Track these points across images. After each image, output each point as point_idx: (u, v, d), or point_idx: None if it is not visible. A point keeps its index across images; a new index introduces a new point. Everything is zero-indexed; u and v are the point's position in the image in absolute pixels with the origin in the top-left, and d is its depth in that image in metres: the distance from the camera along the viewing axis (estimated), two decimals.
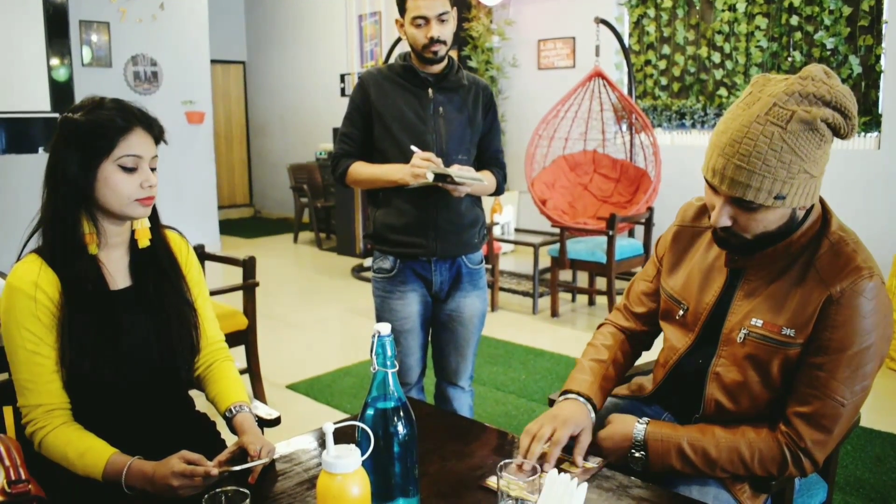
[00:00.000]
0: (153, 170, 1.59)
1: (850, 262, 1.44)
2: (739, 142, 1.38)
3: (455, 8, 2.43)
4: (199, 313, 1.74)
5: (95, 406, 1.57)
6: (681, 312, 1.67)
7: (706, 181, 1.47)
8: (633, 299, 1.85)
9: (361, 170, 2.49)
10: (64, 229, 1.53)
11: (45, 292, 1.50)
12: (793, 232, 1.49)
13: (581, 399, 1.65)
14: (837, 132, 1.39)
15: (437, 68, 2.46)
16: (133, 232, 1.63)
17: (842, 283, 1.42)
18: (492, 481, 1.42)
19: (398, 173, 2.38)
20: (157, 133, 1.60)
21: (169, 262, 1.70)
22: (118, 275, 1.62)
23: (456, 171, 2.29)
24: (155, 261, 1.67)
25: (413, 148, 2.36)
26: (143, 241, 1.63)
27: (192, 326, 1.71)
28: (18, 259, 1.56)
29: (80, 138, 1.52)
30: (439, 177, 2.28)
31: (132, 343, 1.59)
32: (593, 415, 1.63)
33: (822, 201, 1.54)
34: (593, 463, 1.51)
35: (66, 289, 1.52)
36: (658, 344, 1.82)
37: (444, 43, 2.40)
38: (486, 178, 2.51)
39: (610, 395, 1.81)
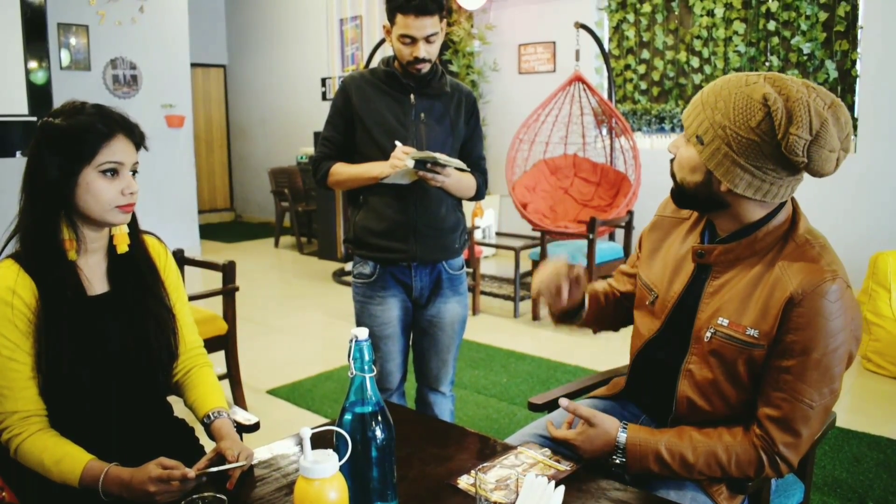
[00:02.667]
0: (134, 173, 1.59)
1: (814, 264, 1.44)
2: (721, 80, 1.49)
3: (445, 21, 2.43)
4: (177, 318, 1.73)
5: (73, 412, 1.56)
6: (650, 299, 1.70)
7: None
8: (615, 277, 1.95)
9: (342, 169, 2.49)
10: (43, 235, 1.52)
11: (22, 298, 1.49)
12: (757, 230, 1.51)
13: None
14: (773, 125, 1.38)
15: (423, 72, 2.46)
16: (111, 237, 1.62)
17: (803, 286, 1.42)
18: (462, 480, 1.43)
19: (377, 167, 2.38)
20: (138, 139, 1.59)
21: (147, 267, 1.69)
22: (96, 280, 1.61)
23: (439, 154, 2.30)
24: (133, 266, 1.66)
25: (396, 143, 2.36)
26: (122, 246, 1.61)
27: (171, 332, 1.70)
28: None
29: (61, 143, 1.51)
30: (420, 164, 2.28)
31: (111, 349, 1.58)
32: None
33: (794, 204, 1.55)
34: (567, 466, 1.52)
35: (44, 295, 1.51)
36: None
37: (429, 62, 2.41)
38: (467, 177, 2.51)
39: (590, 397, 1.87)
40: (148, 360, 1.64)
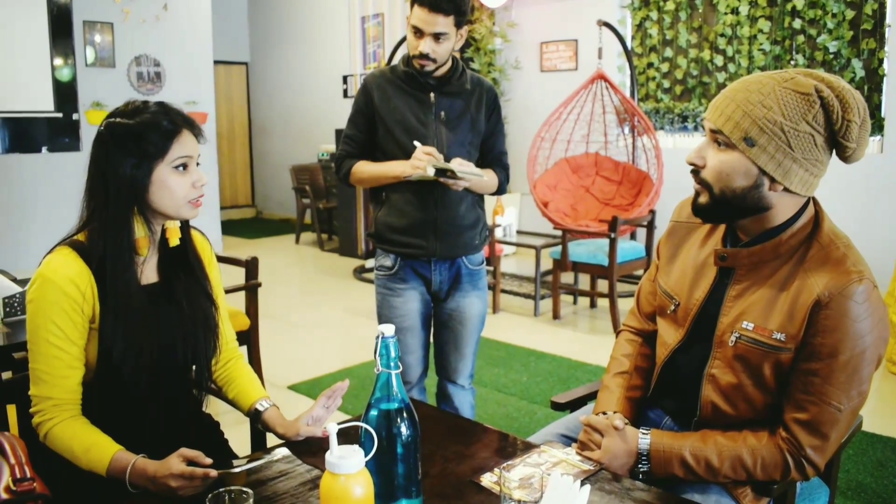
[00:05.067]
0: (197, 165, 1.63)
1: (840, 265, 1.43)
2: (741, 83, 1.46)
3: (464, 28, 2.43)
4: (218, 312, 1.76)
5: (113, 402, 1.59)
6: (672, 307, 1.67)
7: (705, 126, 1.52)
8: (642, 301, 1.87)
9: (364, 168, 2.52)
10: (118, 235, 1.54)
11: (79, 287, 1.51)
12: (782, 232, 1.49)
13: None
14: (829, 115, 1.39)
15: (440, 72, 2.47)
16: (164, 231, 1.65)
17: (830, 288, 1.41)
18: (485, 478, 1.43)
19: (399, 167, 2.41)
20: (197, 133, 1.63)
21: (196, 261, 1.73)
22: (149, 271, 1.64)
23: (457, 165, 2.32)
24: (183, 259, 1.69)
25: (416, 143, 2.38)
26: (174, 240, 1.64)
27: (215, 326, 1.73)
28: (50, 251, 1.56)
29: (131, 142, 1.53)
30: (440, 171, 2.31)
31: (159, 339, 1.60)
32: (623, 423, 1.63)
33: (816, 204, 1.53)
34: (591, 465, 1.51)
35: (102, 288, 1.53)
36: None
37: (434, 60, 2.41)
38: (487, 175, 2.52)
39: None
40: (193, 352, 1.66)
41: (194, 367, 1.69)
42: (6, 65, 6.44)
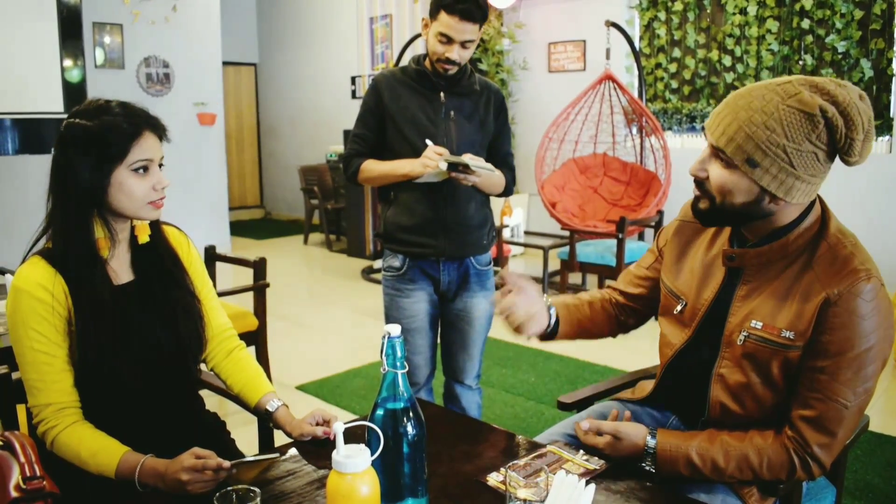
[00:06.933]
0: (160, 167, 1.60)
1: (848, 264, 1.44)
2: (743, 97, 1.44)
3: (482, 29, 2.44)
4: (203, 304, 1.75)
5: (106, 404, 1.59)
6: (679, 308, 1.67)
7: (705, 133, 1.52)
8: (624, 280, 1.89)
9: (373, 166, 2.52)
10: (77, 236, 1.54)
11: (49, 290, 1.51)
12: (789, 232, 1.50)
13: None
14: (833, 134, 1.39)
15: (450, 73, 2.48)
16: (133, 228, 1.64)
17: (839, 286, 1.42)
18: (492, 478, 1.43)
19: (408, 166, 2.41)
20: (161, 132, 1.61)
21: (169, 255, 1.71)
22: (121, 270, 1.64)
23: (469, 159, 2.32)
24: (155, 255, 1.68)
25: (427, 141, 2.39)
26: (143, 236, 1.64)
27: (198, 317, 1.72)
28: (23, 261, 1.57)
29: (90, 145, 1.51)
30: (452, 165, 2.31)
31: (142, 336, 1.60)
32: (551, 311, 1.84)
33: (822, 203, 1.54)
34: (597, 464, 1.52)
35: (74, 290, 1.53)
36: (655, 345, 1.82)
37: (458, 65, 2.43)
38: (496, 174, 2.53)
39: (615, 399, 1.87)
40: (178, 347, 1.66)
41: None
42: (16, 66, 6.47)
